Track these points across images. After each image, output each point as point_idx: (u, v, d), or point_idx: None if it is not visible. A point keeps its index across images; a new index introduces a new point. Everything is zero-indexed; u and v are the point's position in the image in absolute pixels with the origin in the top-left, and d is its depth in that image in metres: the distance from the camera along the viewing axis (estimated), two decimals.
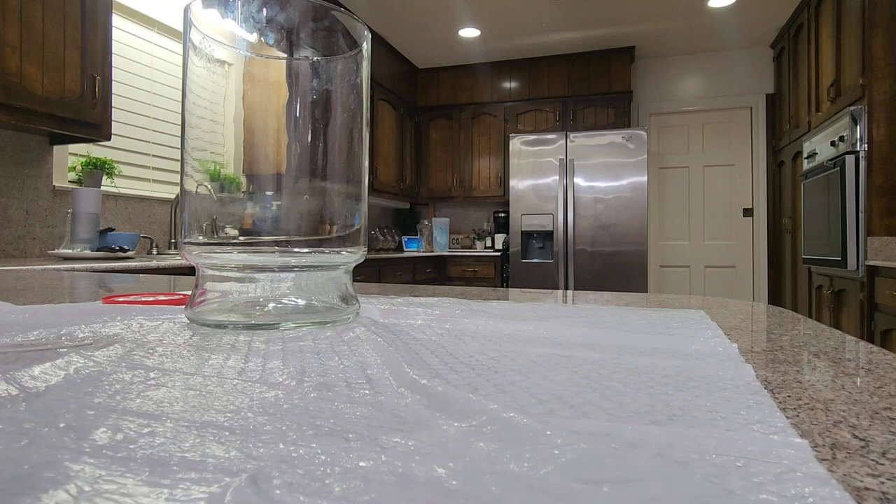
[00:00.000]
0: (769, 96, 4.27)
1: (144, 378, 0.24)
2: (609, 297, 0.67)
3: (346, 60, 0.43)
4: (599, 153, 3.79)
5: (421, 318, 0.44)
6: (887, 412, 0.21)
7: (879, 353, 0.34)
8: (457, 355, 0.30)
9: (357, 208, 0.44)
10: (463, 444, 0.17)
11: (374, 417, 0.20)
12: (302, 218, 0.42)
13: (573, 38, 4.16)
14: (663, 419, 0.20)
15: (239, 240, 0.41)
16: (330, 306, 0.43)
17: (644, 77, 4.57)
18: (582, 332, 0.38)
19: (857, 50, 2.64)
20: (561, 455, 0.16)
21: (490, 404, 0.20)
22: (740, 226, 4.39)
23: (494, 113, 4.59)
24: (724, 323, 0.46)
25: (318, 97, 0.42)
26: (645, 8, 3.65)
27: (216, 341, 0.33)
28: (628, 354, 0.31)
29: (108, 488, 0.14)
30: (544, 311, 0.51)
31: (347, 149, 0.43)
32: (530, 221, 3.94)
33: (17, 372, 0.25)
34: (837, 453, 0.17)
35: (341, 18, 0.42)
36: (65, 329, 0.36)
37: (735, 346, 0.33)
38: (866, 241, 2.53)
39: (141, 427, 0.18)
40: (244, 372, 0.26)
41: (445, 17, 3.84)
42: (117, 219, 2.55)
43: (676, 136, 4.54)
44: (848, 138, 2.64)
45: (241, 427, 0.18)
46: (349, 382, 0.24)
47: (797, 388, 0.25)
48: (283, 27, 0.40)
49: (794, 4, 3.56)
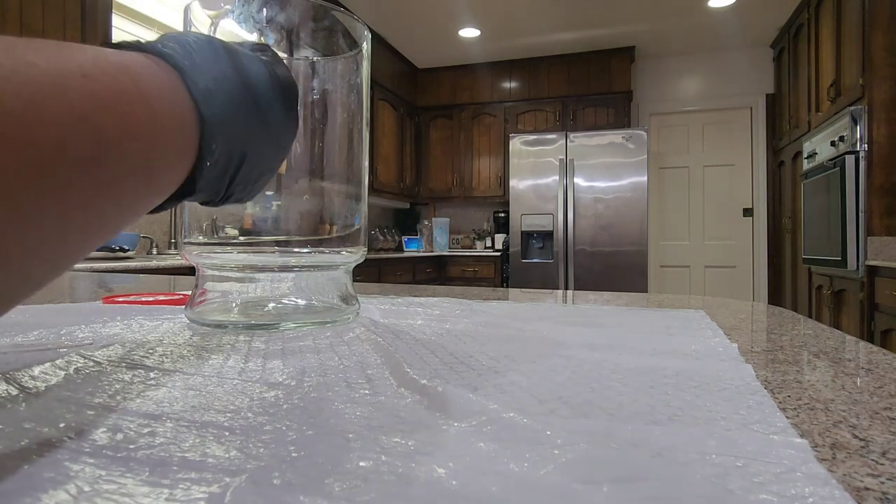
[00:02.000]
0: (769, 96, 4.27)
1: (144, 378, 0.24)
2: (609, 297, 0.67)
3: (346, 60, 0.43)
4: (599, 153, 3.79)
5: (421, 318, 0.44)
6: (887, 412, 0.21)
7: (879, 353, 0.34)
8: (457, 355, 0.30)
9: (357, 208, 0.44)
10: (463, 444, 0.17)
11: (374, 417, 0.20)
12: (302, 218, 0.42)
13: (573, 38, 4.15)
14: (663, 419, 0.20)
15: (239, 240, 0.41)
16: (330, 306, 0.43)
17: (644, 77, 4.57)
18: (582, 332, 0.38)
19: (857, 50, 2.63)
20: (561, 455, 0.16)
21: (490, 404, 0.20)
22: (740, 226, 4.39)
23: (494, 113, 4.58)
24: (724, 323, 0.46)
25: (319, 97, 0.42)
26: (645, 8, 3.64)
27: (216, 341, 0.33)
28: (628, 354, 0.31)
29: (108, 488, 0.14)
30: (544, 311, 0.51)
31: (347, 149, 0.43)
32: (530, 221, 3.94)
33: (17, 372, 0.25)
34: (837, 453, 0.17)
35: (341, 18, 0.42)
36: (65, 329, 0.36)
37: (735, 346, 0.33)
38: (866, 241, 2.53)
39: (141, 427, 0.18)
40: (244, 372, 0.26)
41: (445, 17, 3.83)
42: None
43: (676, 136, 4.54)
44: (848, 138, 2.64)
45: (241, 427, 0.18)
46: (349, 382, 0.24)
47: (797, 388, 0.25)
48: (283, 27, 0.40)
49: (794, 4, 3.56)
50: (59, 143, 0.15)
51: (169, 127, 0.20)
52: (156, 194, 0.21)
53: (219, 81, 0.23)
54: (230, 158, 0.25)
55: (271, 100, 0.27)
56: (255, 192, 0.30)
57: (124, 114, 0.18)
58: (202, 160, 0.23)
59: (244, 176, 0.27)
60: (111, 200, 0.18)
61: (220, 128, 0.23)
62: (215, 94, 0.23)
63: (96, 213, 0.17)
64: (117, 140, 0.17)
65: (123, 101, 0.18)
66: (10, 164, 0.14)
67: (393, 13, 3.76)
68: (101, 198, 0.17)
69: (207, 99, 0.23)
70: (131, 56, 0.20)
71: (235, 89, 0.24)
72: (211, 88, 0.23)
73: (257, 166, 0.27)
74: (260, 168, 0.28)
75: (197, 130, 0.22)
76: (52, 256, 0.16)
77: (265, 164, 0.28)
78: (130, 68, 0.19)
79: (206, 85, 0.23)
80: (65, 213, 0.16)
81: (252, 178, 0.28)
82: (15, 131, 0.14)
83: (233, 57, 0.25)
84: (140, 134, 0.18)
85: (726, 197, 4.42)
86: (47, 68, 0.15)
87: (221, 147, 0.24)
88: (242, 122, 0.25)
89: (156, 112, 0.19)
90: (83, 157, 0.16)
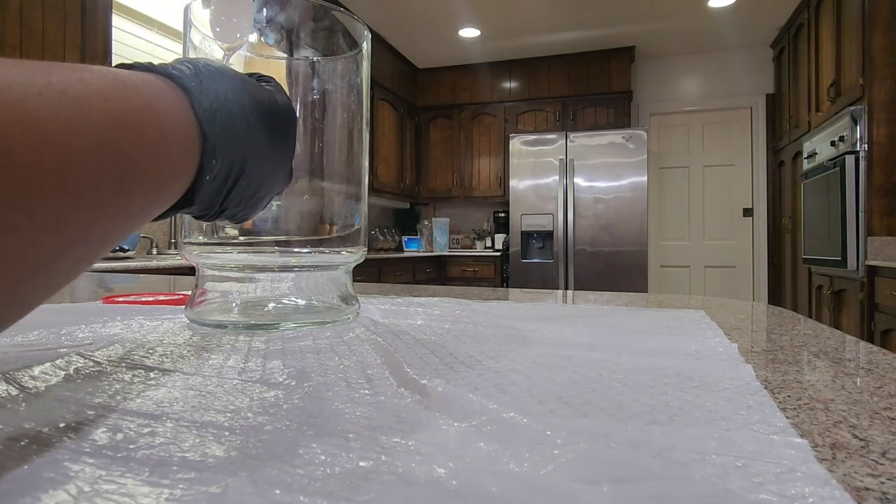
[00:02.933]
0: (769, 96, 4.26)
1: (144, 378, 0.24)
2: (609, 297, 0.67)
3: (346, 60, 0.43)
4: (599, 153, 3.79)
5: (421, 318, 0.44)
6: (887, 412, 0.21)
7: (879, 353, 0.34)
8: (457, 355, 0.30)
9: (357, 208, 0.44)
10: (463, 444, 0.17)
11: (374, 417, 0.20)
12: (302, 218, 0.42)
13: (573, 38, 4.15)
14: (663, 419, 0.20)
15: (239, 240, 0.41)
16: (330, 306, 0.43)
17: (644, 77, 4.57)
18: (582, 333, 0.38)
19: (857, 50, 2.63)
20: (561, 455, 0.16)
21: (490, 404, 0.20)
22: (740, 226, 4.39)
23: (494, 113, 4.58)
24: (724, 323, 0.46)
25: (318, 97, 0.42)
26: (645, 8, 3.64)
27: (216, 341, 0.33)
28: (628, 354, 0.31)
29: (108, 488, 0.14)
30: (544, 311, 0.51)
31: (347, 149, 0.43)
32: (530, 221, 3.94)
33: (17, 372, 0.25)
34: (837, 453, 0.17)
35: (341, 18, 0.42)
36: (65, 329, 0.36)
37: (735, 346, 0.33)
38: (866, 241, 2.53)
39: (141, 427, 0.18)
40: (244, 372, 0.26)
41: (445, 17, 3.83)
42: None
43: (676, 136, 4.54)
44: (848, 138, 2.64)
45: (241, 427, 0.18)
46: (349, 382, 0.24)
47: (797, 388, 0.25)
48: (283, 27, 0.40)
49: (794, 4, 3.56)
50: (86, 163, 0.17)
51: (176, 144, 0.22)
52: (160, 205, 0.23)
53: (222, 102, 0.25)
54: (228, 174, 0.26)
55: (270, 122, 0.29)
56: (251, 210, 0.31)
57: (139, 133, 0.19)
58: (202, 174, 0.25)
59: (240, 192, 0.28)
60: (124, 212, 0.19)
61: (221, 145, 0.25)
62: (218, 114, 0.25)
63: (111, 223, 0.19)
64: (133, 158, 0.19)
65: (139, 122, 0.20)
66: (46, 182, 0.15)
67: (393, 13, 3.76)
68: (116, 209, 0.19)
69: (210, 118, 0.24)
70: (143, 78, 0.22)
71: (237, 110, 0.26)
72: (214, 108, 0.25)
73: (253, 184, 0.29)
74: (256, 186, 0.30)
75: (199, 147, 0.24)
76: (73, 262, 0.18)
77: (263, 183, 0.30)
78: (143, 91, 0.21)
79: (209, 105, 0.24)
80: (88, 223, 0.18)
81: (247, 195, 0.29)
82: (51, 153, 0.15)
83: (238, 82, 0.27)
84: (151, 151, 0.20)
85: (726, 197, 4.42)
86: (76, 94, 0.17)
87: (220, 162, 0.25)
88: (242, 140, 0.27)
89: (165, 131, 0.21)
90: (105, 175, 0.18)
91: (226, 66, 0.28)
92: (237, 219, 0.31)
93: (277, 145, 0.30)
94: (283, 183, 0.33)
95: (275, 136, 0.29)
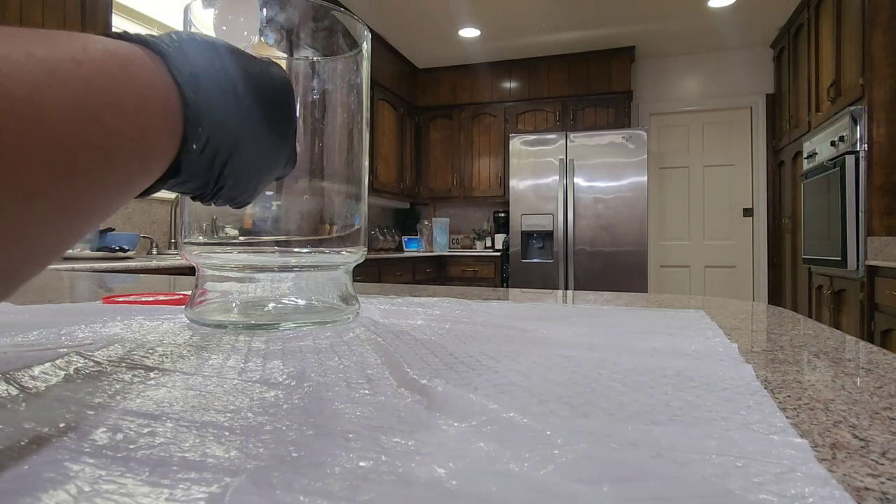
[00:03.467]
0: (769, 96, 4.26)
1: (144, 378, 0.24)
2: (609, 297, 0.67)
3: (346, 60, 0.43)
4: (599, 153, 3.79)
5: (421, 318, 0.44)
6: (887, 412, 0.21)
7: (879, 353, 0.34)
8: (457, 355, 0.30)
9: (357, 208, 0.44)
10: (463, 444, 0.17)
11: (374, 417, 0.20)
12: (302, 218, 0.42)
13: (573, 38, 4.15)
14: (663, 419, 0.20)
15: (239, 240, 0.41)
16: (330, 306, 0.43)
17: (644, 77, 4.57)
18: (582, 333, 0.38)
19: (857, 50, 2.63)
20: (561, 455, 0.16)
21: (490, 404, 0.20)
22: (740, 226, 4.39)
23: (494, 113, 4.58)
24: (724, 323, 0.46)
25: (319, 97, 0.42)
26: (645, 8, 3.64)
27: (216, 341, 0.33)
28: (628, 354, 0.31)
29: (108, 488, 0.14)
30: (544, 311, 0.51)
31: (347, 149, 0.43)
32: (530, 221, 3.94)
33: (17, 372, 0.25)
34: (837, 453, 0.17)
35: (341, 18, 0.42)
36: (65, 329, 0.36)
37: (735, 346, 0.33)
38: (866, 241, 2.53)
39: (141, 427, 0.18)
40: (244, 372, 0.26)
41: (445, 17, 3.83)
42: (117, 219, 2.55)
43: (676, 136, 4.54)
44: (848, 138, 2.64)
45: (241, 427, 0.18)
46: (349, 382, 0.24)
47: (797, 388, 0.25)
48: (283, 27, 0.40)
49: (794, 4, 3.56)
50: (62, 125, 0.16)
51: (155, 108, 0.21)
52: (146, 173, 0.22)
53: (203, 68, 0.24)
54: (218, 147, 0.25)
55: (263, 95, 0.27)
56: (251, 191, 0.30)
57: (116, 97, 0.19)
58: (188, 142, 0.24)
59: (233, 169, 0.27)
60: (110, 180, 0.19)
61: (207, 113, 0.24)
62: (200, 79, 0.24)
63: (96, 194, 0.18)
64: (111, 122, 0.18)
65: (114, 85, 0.19)
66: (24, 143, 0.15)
67: (393, 13, 3.76)
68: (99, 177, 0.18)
69: (191, 83, 0.23)
70: (117, 43, 0.21)
71: (221, 77, 0.25)
72: (196, 73, 0.24)
73: (248, 161, 0.28)
74: (255, 164, 0.28)
75: (181, 113, 0.23)
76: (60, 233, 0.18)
77: (259, 162, 0.29)
78: (117, 54, 0.20)
79: (189, 70, 0.23)
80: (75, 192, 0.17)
81: (243, 174, 0.28)
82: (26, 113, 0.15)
83: (224, 51, 0.26)
84: (130, 116, 0.19)
85: (726, 197, 4.42)
86: (45, 57, 0.16)
87: (209, 133, 0.24)
88: (230, 110, 0.26)
89: (143, 96, 0.21)
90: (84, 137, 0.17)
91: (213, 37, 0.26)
92: (237, 202, 0.30)
93: (273, 121, 0.28)
94: (286, 166, 0.32)
95: (270, 111, 0.28)
